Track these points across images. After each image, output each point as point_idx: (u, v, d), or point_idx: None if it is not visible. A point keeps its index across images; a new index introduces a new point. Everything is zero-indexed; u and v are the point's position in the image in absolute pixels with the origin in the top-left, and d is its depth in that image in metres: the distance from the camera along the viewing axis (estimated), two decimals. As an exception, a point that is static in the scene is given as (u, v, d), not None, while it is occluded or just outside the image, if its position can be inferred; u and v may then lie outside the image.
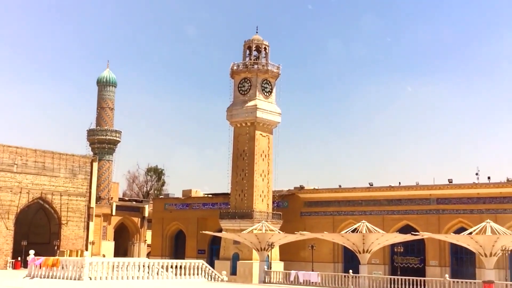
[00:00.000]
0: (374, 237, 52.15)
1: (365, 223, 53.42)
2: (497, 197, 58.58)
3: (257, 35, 69.91)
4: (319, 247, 62.58)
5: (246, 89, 67.71)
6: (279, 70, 68.72)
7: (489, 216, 53.82)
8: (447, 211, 61.04)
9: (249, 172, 65.71)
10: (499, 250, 46.69)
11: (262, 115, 66.53)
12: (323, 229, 61.77)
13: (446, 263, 60.57)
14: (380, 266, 63.04)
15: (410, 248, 61.49)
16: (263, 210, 65.68)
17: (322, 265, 62.80)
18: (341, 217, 66.80)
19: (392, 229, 62.03)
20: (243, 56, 69.14)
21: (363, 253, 52.23)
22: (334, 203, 68.04)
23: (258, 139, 66.55)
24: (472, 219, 57.17)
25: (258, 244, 55.68)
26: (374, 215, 63.75)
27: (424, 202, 62.63)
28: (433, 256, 61.14)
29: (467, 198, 60.31)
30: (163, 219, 79.49)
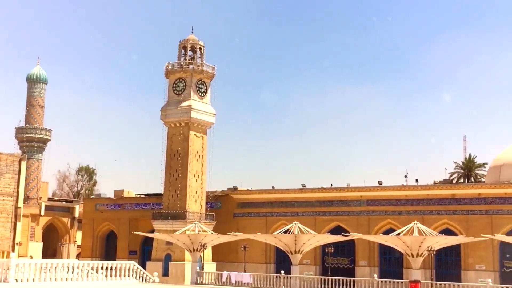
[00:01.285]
0: (305, 238, 52.79)
1: (297, 224, 53.99)
2: (424, 199, 60.32)
3: (193, 35, 69.68)
4: (252, 248, 62.90)
5: (180, 89, 67.36)
6: (214, 70, 68.72)
7: (416, 218, 55.46)
8: (376, 212, 62.43)
9: (182, 173, 65.36)
10: (425, 251, 48.07)
11: (197, 116, 66.35)
12: (256, 230, 62.07)
13: (375, 263, 61.94)
14: (311, 267, 63.94)
15: (340, 249, 62.58)
16: (196, 211, 65.48)
17: (255, 265, 63.12)
18: (274, 218, 67.31)
19: (323, 230, 62.99)
20: (178, 56, 68.76)
21: (295, 254, 52.79)
22: (267, 204, 68.54)
23: (192, 139, 66.31)
24: (401, 220, 58.66)
25: (190, 245, 55.43)
26: (306, 216, 64.54)
27: (354, 203, 63.87)
28: (363, 256, 62.42)
29: (396, 200, 61.84)
30: (94, 219, 78.05)
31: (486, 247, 55.74)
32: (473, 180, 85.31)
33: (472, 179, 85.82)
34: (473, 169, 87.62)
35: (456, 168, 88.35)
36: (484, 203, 57.55)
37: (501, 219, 56.29)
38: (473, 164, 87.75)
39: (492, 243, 55.33)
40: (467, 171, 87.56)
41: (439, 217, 59.23)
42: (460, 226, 57.98)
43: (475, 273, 56.22)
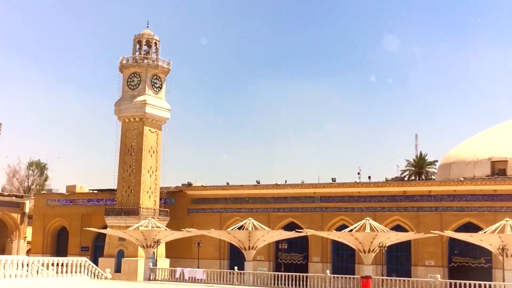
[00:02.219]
0: (259, 234, 53.04)
1: (252, 220, 54.21)
2: (376, 196, 61.26)
3: (148, 30, 69.13)
4: (206, 244, 62.80)
5: (135, 84, 66.79)
6: (170, 66, 68.33)
7: (368, 214, 56.19)
8: (330, 209, 63.09)
9: (136, 168, 64.84)
10: (376, 247, 48.90)
11: (151, 111, 65.91)
12: (210, 226, 62.07)
13: (328, 259, 62.64)
14: (265, 263, 64.25)
15: (294, 245, 63.03)
16: (150, 207, 65.07)
17: (208, 262, 63.08)
18: (228, 214, 67.38)
19: (277, 226, 63.39)
20: (133, 51, 68.12)
21: (249, 250, 52.99)
22: (222, 200, 68.56)
23: (147, 135, 65.85)
24: (353, 217, 59.39)
25: (144, 241, 55.08)
26: (261, 213, 64.79)
27: (308, 200, 64.43)
28: (316, 252, 63.04)
29: (349, 197, 62.60)
30: (45, 215, 76.67)
31: (435, 243, 56.96)
32: (424, 177, 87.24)
33: (423, 177, 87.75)
34: (424, 167, 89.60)
35: (407, 166, 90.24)
36: (434, 200, 58.79)
37: (450, 216, 57.59)
38: (424, 162, 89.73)
39: (441, 239, 56.58)
40: (418, 168, 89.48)
41: (391, 213, 60.23)
42: (411, 222, 59.10)
43: (424, 268, 57.43)
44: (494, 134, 66.71)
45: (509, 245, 44.26)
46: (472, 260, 56.52)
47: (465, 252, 56.82)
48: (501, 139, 64.10)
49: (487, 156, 62.32)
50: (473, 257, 56.38)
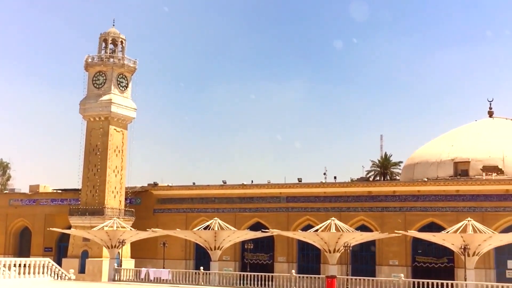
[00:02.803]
0: (225, 234, 53.04)
1: (218, 220, 54.18)
2: (342, 196, 61.71)
3: (114, 28, 68.57)
4: (171, 244, 62.53)
5: (101, 83, 66.19)
6: (136, 65, 67.89)
7: (334, 214, 56.59)
8: (296, 209, 63.36)
9: (101, 168, 64.23)
10: (342, 247, 49.32)
11: (117, 110, 65.41)
12: (176, 226, 61.83)
13: (294, 259, 62.91)
14: (231, 263, 64.25)
15: (260, 245, 63.15)
16: (115, 207, 64.53)
17: (174, 262, 62.79)
18: (194, 214, 67.19)
19: (243, 226, 63.45)
20: (99, 49, 67.51)
21: (215, 250, 52.95)
22: (188, 200, 68.31)
23: (112, 134, 65.30)
24: (319, 217, 59.71)
25: (108, 241, 54.62)
26: (227, 213, 64.76)
27: (274, 200, 64.62)
28: (281, 252, 63.27)
29: (314, 197, 62.95)
30: (7, 215, 75.37)
31: (399, 243, 57.66)
32: (389, 178, 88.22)
33: (388, 177, 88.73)
34: (389, 167, 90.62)
35: (372, 166, 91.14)
36: (399, 200, 59.48)
37: (414, 216, 58.35)
38: (388, 163, 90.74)
39: (405, 239, 57.29)
40: (383, 169, 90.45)
41: (356, 213, 60.76)
42: (376, 222, 59.71)
43: (388, 268, 58.08)
44: (457, 135, 67.80)
45: (471, 245, 45.06)
46: (435, 259, 57.36)
47: (428, 251, 57.62)
48: (464, 141, 65.19)
49: (450, 157, 63.31)
50: (436, 257, 57.21)
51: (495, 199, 55.75)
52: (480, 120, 70.77)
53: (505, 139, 63.58)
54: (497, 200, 55.64)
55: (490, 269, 54.77)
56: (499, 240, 47.67)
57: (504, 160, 60.68)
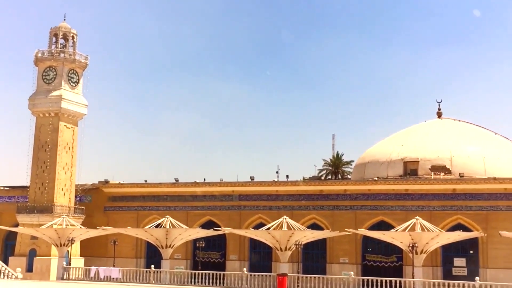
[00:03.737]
0: (177, 232, 52.87)
1: (169, 218, 53.97)
2: (294, 194, 62.07)
3: (65, 23, 67.34)
4: (122, 243, 61.96)
5: (51, 78, 64.98)
6: (87, 60, 66.85)
7: (286, 213, 57.00)
8: (248, 207, 63.47)
9: (51, 165, 63.03)
10: (293, 245, 49.70)
11: (68, 106, 64.31)
12: (127, 224, 61.22)
13: (245, 257, 62.99)
14: (182, 261, 63.98)
15: (212, 243, 63.05)
16: (65, 204, 63.43)
17: (124, 260, 62.19)
18: (146, 212, 66.62)
19: (195, 224, 63.22)
20: (49, 44, 66.24)
21: (166, 248, 52.72)
22: (139, 198, 67.66)
23: (62, 130, 64.17)
24: (271, 215, 59.94)
25: (57, 239, 53.75)
26: (179, 211, 64.45)
27: (227, 198, 64.57)
28: (233, 250, 63.29)
29: (267, 195, 63.13)
30: (-48, 212, 73.23)
31: (350, 241, 58.35)
32: (340, 177, 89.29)
33: (339, 176, 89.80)
34: (340, 166, 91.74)
35: (324, 165, 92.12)
36: (349, 199, 60.15)
37: (364, 215, 59.13)
38: (340, 162, 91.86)
39: (355, 237, 58.04)
40: (334, 168, 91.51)
41: (308, 212, 61.20)
42: (327, 221, 60.27)
43: (339, 266, 58.72)
44: (406, 135, 69.00)
45: (419, 243, 46.01)
46: (384, 257, 58.23)
47: (378, 249, 58.46)
48: (413, 141, 66.38)
49: (400, 156, 64.39)
50: (385, 255, 58.09)
51: (442, 198, 56.98)
52: (429, 121, 72.22)
53: (453, 140, 65.03)
54: (444, 199, 56.87)
55: (437, 266, 55.96)
56: (446, 238, 48.83)
57: (451, 160, 62.06)
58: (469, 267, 55.46)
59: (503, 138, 69.14)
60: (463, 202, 56.22)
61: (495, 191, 55.36)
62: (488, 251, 54.49)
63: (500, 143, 67.42)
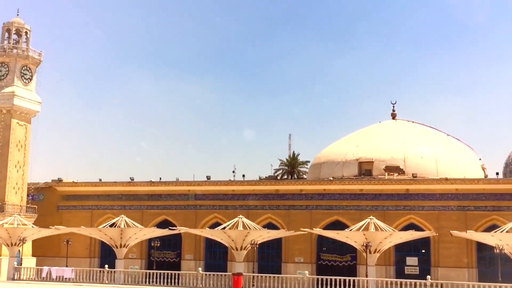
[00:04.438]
0: (132, 231, 52.45)
1: (124, 217, 53.51)
2: (250, 194, 62.14)
3: (18, 18, 66.02)
4: (76, 242, 61.11)
5: (3, 74, 63.67)
6: (41, 57, 65.66)
7: (242, 212, 57.06)
8: (204, 206, 63.30)
9: (2, 163, 61.70)
10: (249, 244, 49.81)
11: (20, 103, 63.05)
12: (81, 224, 60.41)
13: (201, 257, 62.77)
14: (137, 261, 63.42)
15: (167, 243, 62.66)
16: (16, 203, 62.14)
17: (78, 260, 61.34)
18: (100, 212, 65.79)
19: (151, 223, 62.73)
20: (1, 39, 64.86)
21: (120, 248, 52.22)
22: (94, 197, 66.76)
23: (14, 128, 62.88)
24: (227, 214, 59.91)
25: (8, 239, 52.69)
26: (134, 210, 63.88)
27: (183, 197, 64.27)
28: (189, 250, 63.02)
29: (223, 195, 63.05)
30: None
31: (305, 241, 58.73)
32: (296, 176, 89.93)
33: (295, 176, 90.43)
34: (296, 166, 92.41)
35: (281, 165, 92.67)
36: (305, 198, 60.55)
37: (319, 214, 59.58)
38: (296, 162, 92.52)
39: (310, 236, 58.45)
40: (291, 168, 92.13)
41: (263, 211, 61.36)
42: (282, 220, 60.53)
43: (294, 265, 59.05)
44: (361, 136, 69.86)
45: (372, 242, 46.67)
46: (338, 256, 58.79)
47: (333, 249, 58.96)
48: (368, 141, 67.26)
49: (355, 157, 65.15)
50: (339, 254, 58.64)
51: (396, 198, 57.81)
52: (384, 122, 73.28)
53: (407, 141, 66.13)
54: (397, 199, 57.71)
55: (390, 265, 56.77)
56: (399, 237, 49.66)
57: (405, 161, 63.10)
58: (421, 266, 56.44)
59: (454, 140, 70.71)
60: (415, 202, 57.16)
61: (446, 192, 56.47)
62: (440, 250, 55.57)
63: (451, 145, 68.92)
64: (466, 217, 55.13)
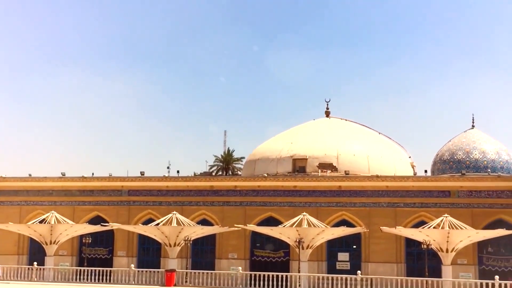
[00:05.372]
0: (62, 228, 51.43)
1: (54, 213, 52.42)
2: (184, 190, 61.85)
3: None
4: (3, 239, 59.49)
5: None
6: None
7: (176, 208, 56.78)
8: (137, 202, 62.59)
9: None
10: (182, 240, 49.64)
11: None
12: (9, 220, 58.75)
13: (134, 254, 62.04)
14: (68, 258, 62.04)
15: (99, 239, 61.64)
16: None
17: (5, 257, 59.54)
18: (30, 207, 63.97)
19: (82, 219, 61.63)
20: None
21: (50, 245, 51.10)
22: (23, 193, 64.89)
23: None
24: (161, 210, 59.49)
25: None
26: (65, 206, 62.51)
27: (116, 193, 63.36)
28: (121, 246, 62.19)
29: (157, 191, 62.53)
30: None
31: (239, 237, 58.91)
32: (231, 173, 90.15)
33: (230, 172, 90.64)
34: (231, 163, 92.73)
35: (216, 161, 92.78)
36: (239, 195, 60.72)
37: (253, 210, 59.88)
38: (231, 158, 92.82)
39: (244, 233, 58.68)
40: (225, 164, 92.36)
41: (198, 207, 61.20)
42: (217, 216, 60.55)
43: (228, 261, 59.13)
44: (296, 133, 70.57)
45: (305, 238, 47.36)
46: (272, 252, 59.30)
47: (266, 245, 59.43)
48: (302, 139, 68.01)
49: (289, 154, 65.77)
50: (273, 250, 59.15)
51: (328, 195, 58.72)
52: (318, 120, 74.26)
53: (340, 138, 67.24)
54: (330, 196, 58.63)
55: (322, 261, 57.65)
56: (331, 233, 50.56)
57: (338, 158, 64.16)
58: (352, 261, 57.53)
59: (386, 138, 72.42)
60: (348, 198, 58.23)
61: (377, 189, 57.75)
62: (370, 245, 56.81)
63: (383, 143, 70.55)
64: (396, 214, 56.59)
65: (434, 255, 47.84)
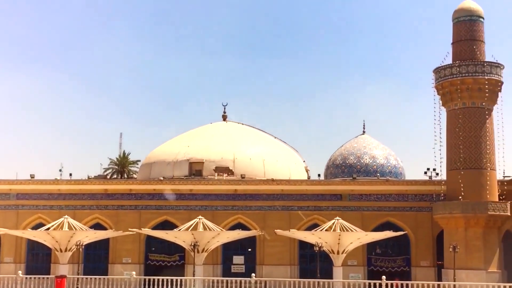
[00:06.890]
0: None
1: None
2: (77, 193, 60.28)
3: None
4: None
5: None
6: None
7: (68, 212, 55.13)
8: (26, 206, 60.34)
9: None
10: (74, 245, 48.25)
11: None
12: None
13: (22, 260, 59.73)
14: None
15: (-16, 245, 58.85)
16: None
17: None
18: None
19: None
20: None
21: None
22: None
23: None
24: (52, 215, 57.67)
25: None
26: None
27: (3, 197, 60.74)
28: (8, 253, 59.66)
29: (48, 194, 60.53)
30: None
31: (133, 241, 58.10)
32: (126, 176, 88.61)
33: (126, 175, 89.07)
34: (127, 166, 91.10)
35: (110, 164, 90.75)
36: (134, 198, 59.90)
37: (149, 214, 59.26)
38: (127, 161, 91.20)
39: (139, 237, 57.96)
40: (121, 167, 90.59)
41: (91, 211, 59.84)
42: (111, 220, 59.41)
43: (122, 266, 58.12)
44: (193, 137, 70.43)
45: (200, 242, 47.33)
46: (167, 256, 58.88)
47: (161, 249, 58.95)
48: (199, 142, 67.96)
49: (185, 157, 65.55)
50: (168, 254, 58.77)
51: (225, 198, 59.07)
52: (215, 123, 74.47)
53: (237, 142, 67.81)
54: (226, 199, 59.01)
55: (217, 264, 57.89)
56: (226, 237, 50.90)
57: (234, 162, 64.67)
58: (247, 264, 58.15)
59: (281, 142, 73.82)
60: (243, 202, 58.81)
61: (272, 192, 58.71)
62: (265, 248, 57.63)
63: (278, 147, 71.87)
64: (290, 217, 57.74)
65: (326, 257, 49.16)
